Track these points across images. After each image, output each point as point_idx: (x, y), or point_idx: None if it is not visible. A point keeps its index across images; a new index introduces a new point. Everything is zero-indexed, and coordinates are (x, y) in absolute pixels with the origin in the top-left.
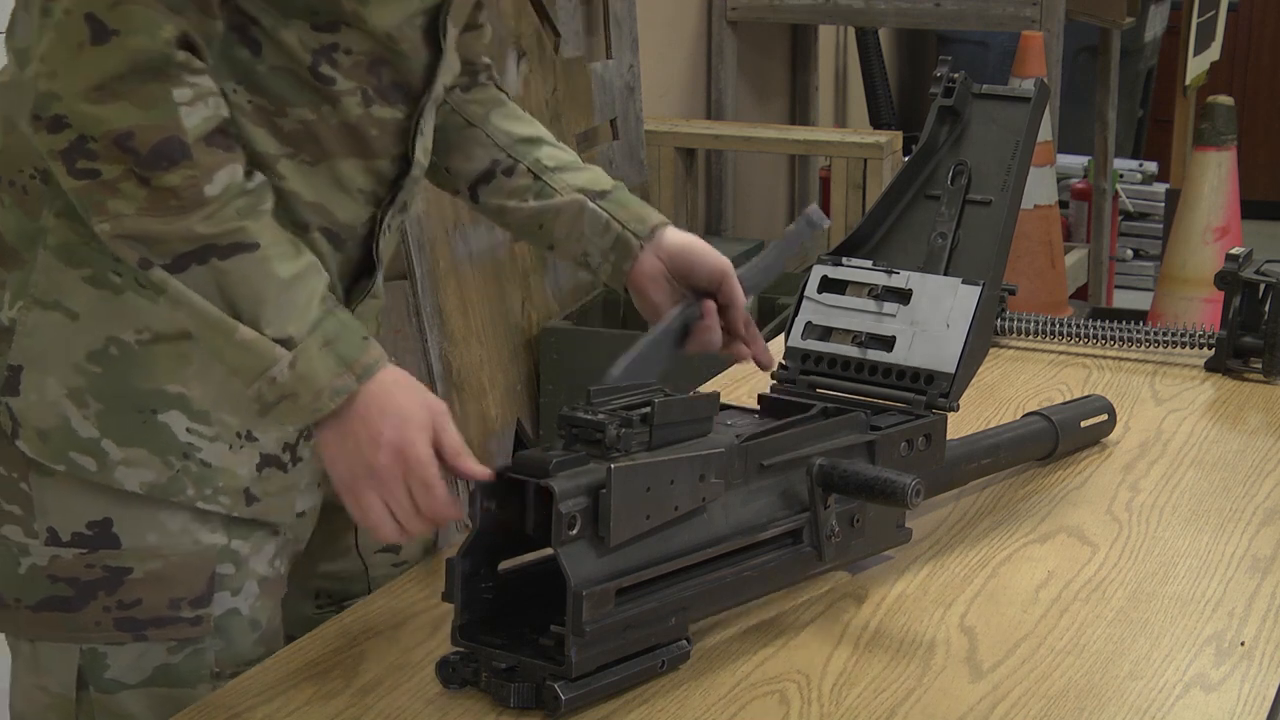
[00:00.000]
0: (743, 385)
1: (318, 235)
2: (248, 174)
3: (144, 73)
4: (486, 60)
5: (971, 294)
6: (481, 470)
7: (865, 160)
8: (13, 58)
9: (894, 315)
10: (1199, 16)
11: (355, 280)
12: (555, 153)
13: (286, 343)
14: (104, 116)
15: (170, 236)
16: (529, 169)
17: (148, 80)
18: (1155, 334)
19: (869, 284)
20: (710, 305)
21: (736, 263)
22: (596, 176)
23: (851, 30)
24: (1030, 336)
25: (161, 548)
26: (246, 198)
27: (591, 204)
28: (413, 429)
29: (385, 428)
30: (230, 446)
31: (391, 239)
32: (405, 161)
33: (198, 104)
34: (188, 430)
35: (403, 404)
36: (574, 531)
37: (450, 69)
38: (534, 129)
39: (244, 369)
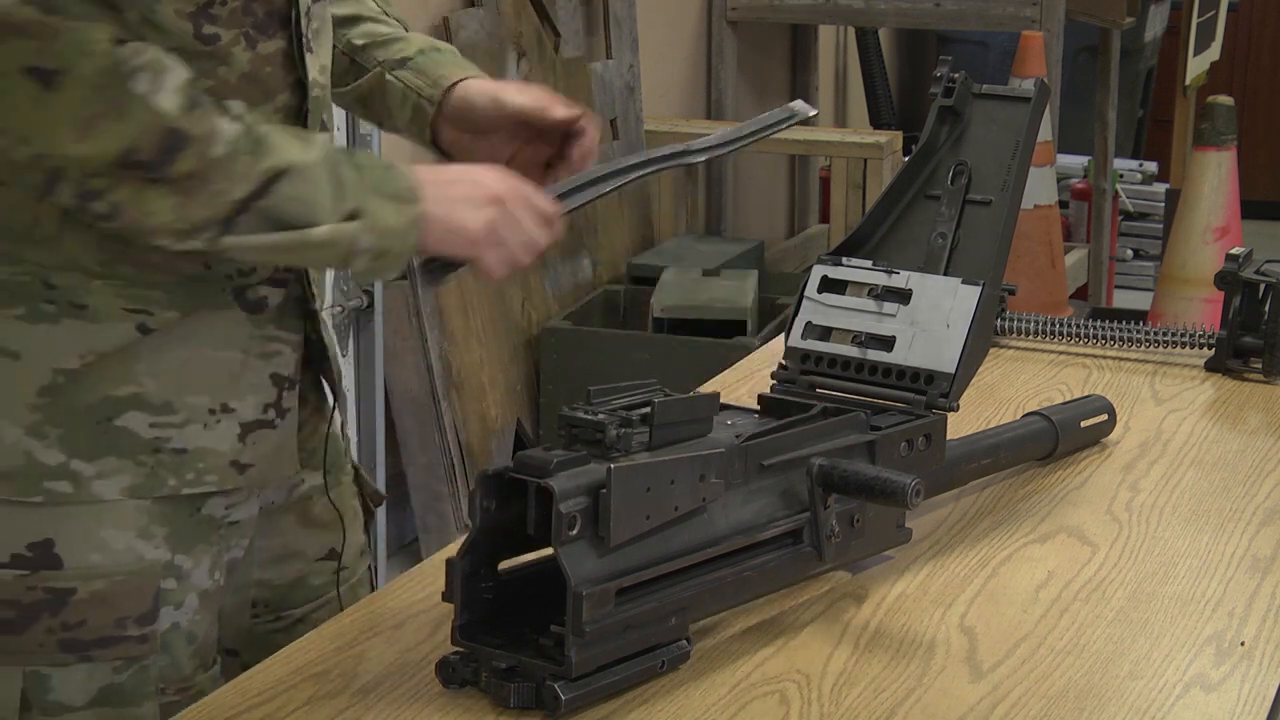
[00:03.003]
0: (743, 385)
1: None
2: (233, 116)
3: (104, 89)
4: None
5: (971, 294)
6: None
7: (865, 160)
8: None
9: (894, 315)
10: (1199, 16)
11: None
12: (371, 28)
13: (354, 215)
14: (95, 149)
15: (214, 214)
16: (344, 51)
17: (108, 92)
18: (1155, 334)
19: (869, 284)
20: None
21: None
22: (404, 45)
23: (851, 30)
24: (1030, 336)
25: (105, 567)
26: (247, 137)
27: (389, 75)
28: (493, 175)
29: (478, 190)
30: (205, 426)
31: None
32: (302, 87)
33: (162, 81)
34: (150, 426)
35: (464, 170)
36: (574, 531)
37: None
38: (354, 7)
39: (334, 259)
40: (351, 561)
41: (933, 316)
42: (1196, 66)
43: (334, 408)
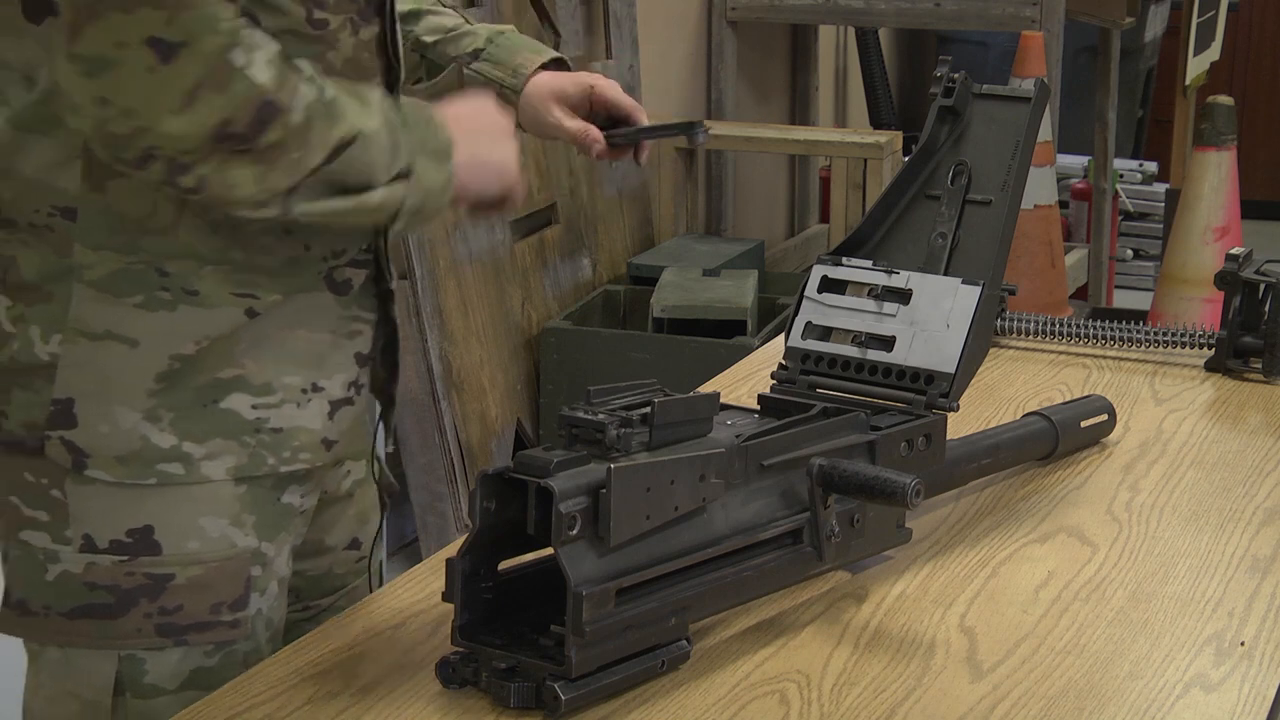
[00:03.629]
0: (743, 385)
1: None
2: (307, 78)
3: (213, 63)
4: None
5: (971, 294)
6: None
7: (865, 160)
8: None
9: (894, 315)
10: (1199, 16)
11: None
12: (435, 21)
13: (404, 174)
14: (194, 124)
15: (291, 181)
16: (412, 48)
17: (213, 65)
18: (1155, 334)
19: (869, 284)
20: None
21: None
22: (473, 37)
23: (851, 30)
24: (1030, 336)
25: (202, 553)
26: (320, 102)
27: (467, 70)
28: (493, 105)
29: (495, 125)
30: (298, 405)
31: None
32: (391, 70)
33: (255, 55)
34: (252, 407)
35: (476, 106)
36: (574, 531)
37: None
38: (412, 2)
39: (381, 220)
40: (368, 551)
41: (933, 316)
42: (1196, 66)
43: (385, 407)
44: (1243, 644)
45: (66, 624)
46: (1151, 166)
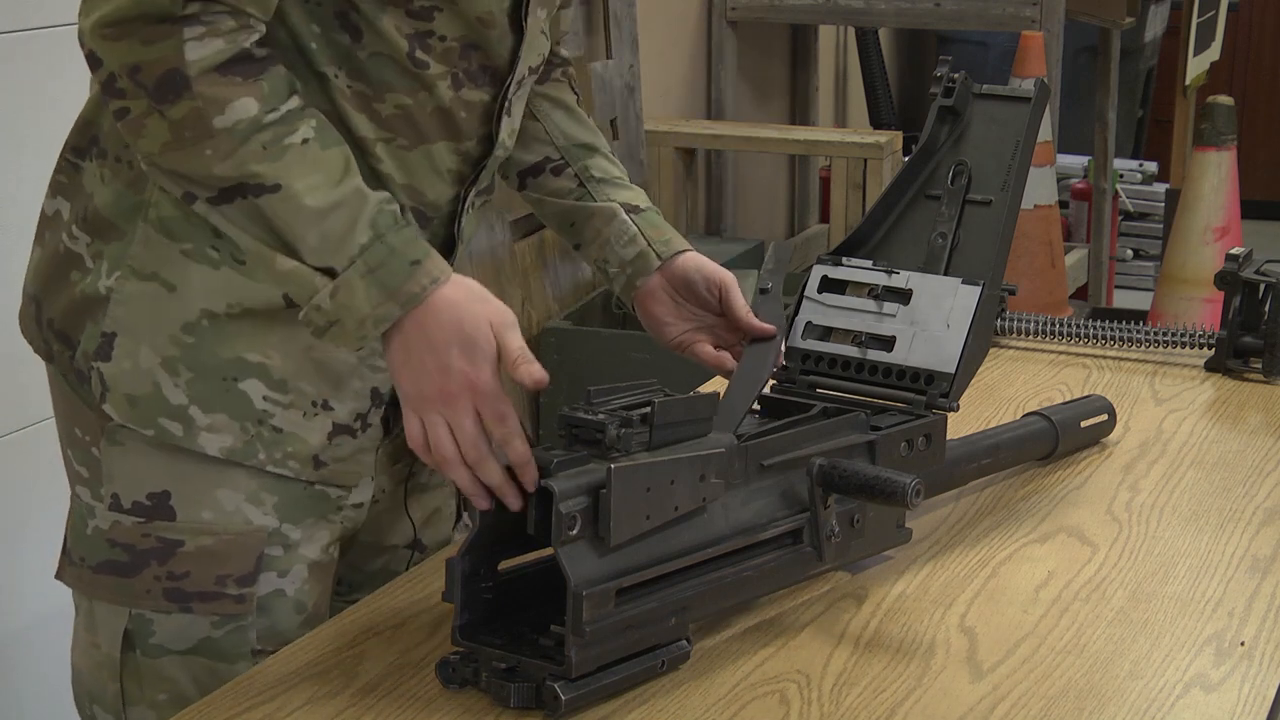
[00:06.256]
0: None
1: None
2: (271, 107)
3: (149, 17)
4: (565, 54)
5: (971, 294)
6: (540, 374)
7: (865, 160)
8: None
9: (894, 315)
10: (1199, 16)
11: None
12: (606, 165)
13: (328, 272)
14: (115, 51)
15: (195, 174)
16: (576, 174)
17: (152, 22)
18: (1155, 334)
19: (869, 284)
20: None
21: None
22: (637, 196)
23: (851, 30)
24: (1030, 336)
25: (214, 524)
26: (266, 132)
27: (624, 215)
28: (481, 358)
29: (454, 356)
30: (304, 414)
31: (474, 217)
32: (489, 142)
33: (209, 39)
34: (264, 398)
35: (466, 328)
36: (574, 531)
37: (535, 50)
38: (593, 138)
39: (293, 294)
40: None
41: (933, 316)
42: (1196, 66)
43: None
44: (1243, 644)
45: (92, 577)
46: (1151, 166)
